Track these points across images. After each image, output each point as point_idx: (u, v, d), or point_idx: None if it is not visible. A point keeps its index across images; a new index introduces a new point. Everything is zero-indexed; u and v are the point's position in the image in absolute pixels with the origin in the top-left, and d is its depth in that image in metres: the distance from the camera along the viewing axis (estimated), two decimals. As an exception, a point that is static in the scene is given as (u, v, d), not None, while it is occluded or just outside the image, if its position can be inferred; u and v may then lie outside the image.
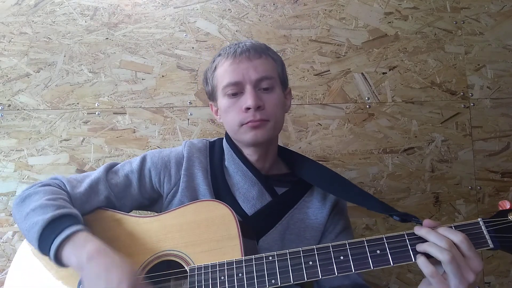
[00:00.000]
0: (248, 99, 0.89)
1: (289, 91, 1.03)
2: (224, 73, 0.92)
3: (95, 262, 0.72)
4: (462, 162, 1.41)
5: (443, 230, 0.70)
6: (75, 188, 0.89)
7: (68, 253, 0.75)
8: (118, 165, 0.97)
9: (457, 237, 0.68)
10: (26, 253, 0.88)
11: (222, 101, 0.94)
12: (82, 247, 0.75)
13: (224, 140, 1.02)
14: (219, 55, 0.96)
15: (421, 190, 1.39)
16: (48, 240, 0.76)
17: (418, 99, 1.42)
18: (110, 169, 0.95)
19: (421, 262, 0.69)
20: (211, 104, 1.03)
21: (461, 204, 1.39)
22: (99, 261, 0.72)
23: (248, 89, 0.90)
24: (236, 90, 0.91)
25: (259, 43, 0.97)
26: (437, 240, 0.68)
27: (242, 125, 0.91)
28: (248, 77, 0.90)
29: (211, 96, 0.99)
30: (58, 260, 0.76)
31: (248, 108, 0.89)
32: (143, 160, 0.97)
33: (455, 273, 0.66)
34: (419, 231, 0.72)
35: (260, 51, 0.93)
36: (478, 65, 1.44)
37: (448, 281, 0.67)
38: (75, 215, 0.81)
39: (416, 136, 1.41)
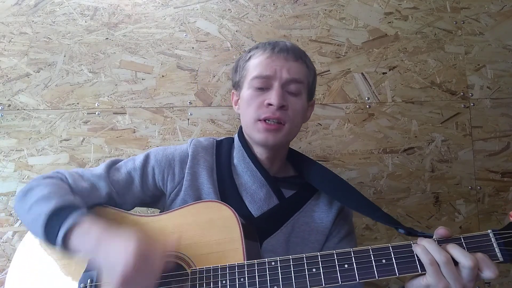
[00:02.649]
0: (273, 96, 0.88)
1: (313, 103, 1.03)
2: (258, 65, 0.92)
3: (103, 245, 0.72)
4: (462, 162, 1.41)
5: (457, 254, 0.67)
6: (77, 182, 0.88)
7: (76, 242, 0.75)
8: (121, 162, 0.96)
9: (468, 263, 0.66)
10: (26, 251, 0.87)
11: (247, 92, 0.93)
12: (87, 233, 0.74)
13: (236, 136, 1.01)
14: (257, 47, 0.96)
15: (421, 190, 1.39)
16: (54, 229, 0.75)
17: (418, 99, 1.42)
18: (113, 165, 0.94)
19: (420, 250, 0.68)
20: (233, 93, 1.02)
21: (461, 204, 1.39)
22: (108, 244, 0.72)
23: (276, 86, 0.89)
24: (263, 85, 0.91)
25: (299, 48, 0.97)
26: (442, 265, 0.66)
27: (258, 120, 0.90)
28: (280, 74, 0.90)
29: (237, 84, 0.99)
30: (66, 249, 0.76)
31: (270, 104, 0.89)
32: (146, 158, 0.96)
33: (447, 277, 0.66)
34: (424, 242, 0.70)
35: (298, 55, 0.94)
36: (478, 65, 1.44)
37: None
38: (78, 204, 0.80)
39: (416, 136, 1.41)
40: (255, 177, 0.95)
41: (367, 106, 1.40)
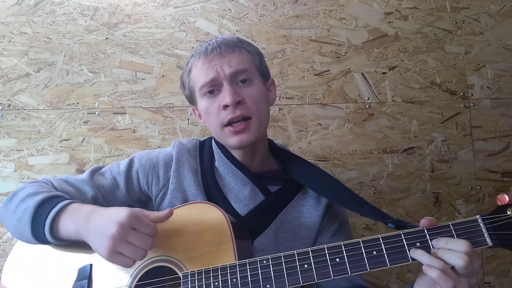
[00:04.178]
0: (225, 96, 0.86)
1: (272, 82, 1.00)
2: (199, 73, 0.89)
3: (92, 219, 0.74)
4: (462, 162, 1.41)
5: (448, 256, 0.66)
6: (62, 186, 0.89)
7: (64, 222, 0.76)
8: (106, 167, 0.96)
9: (459, 263, 0.64)
10: (22, 251, 0.87)
11: (201, 102, 0.91)
12: (77, 212, 0.76)
13: (213, 140, 0.99)
14: (192, 56, 0.94)
15: (421, 190, 1.39)
16: (42, 217, 0.76)
17: (418, 99, 1.42)
18: (96, 171, 0.95)
19: (435, 273, 0.66)
20: (193, 109, 1.00)
21: (461, 204, 1.39)
22: (96, 216, 0.74)
23: (225, 85, 0.87)
24: (213, 88, 0.88)
25: (231, 37, 0.95)
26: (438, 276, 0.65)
27: (223, 126, 0.88)
28: (223, 72, 0.87)
29: (191, 100, 0.97)
30: (54, 235, 0.77)
31: (226, 106, 0.86)
32: (130, 162, 0.95)
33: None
34: (419, 255, 0.68)
35: (232, 45, 0.90)
36: (478, 65, 1.44)
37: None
38: (65, 196, 0.82)
39: (416, 136, 1.40)
40: (237, 177, 0.93)
41: (367, 106, 1.40)
